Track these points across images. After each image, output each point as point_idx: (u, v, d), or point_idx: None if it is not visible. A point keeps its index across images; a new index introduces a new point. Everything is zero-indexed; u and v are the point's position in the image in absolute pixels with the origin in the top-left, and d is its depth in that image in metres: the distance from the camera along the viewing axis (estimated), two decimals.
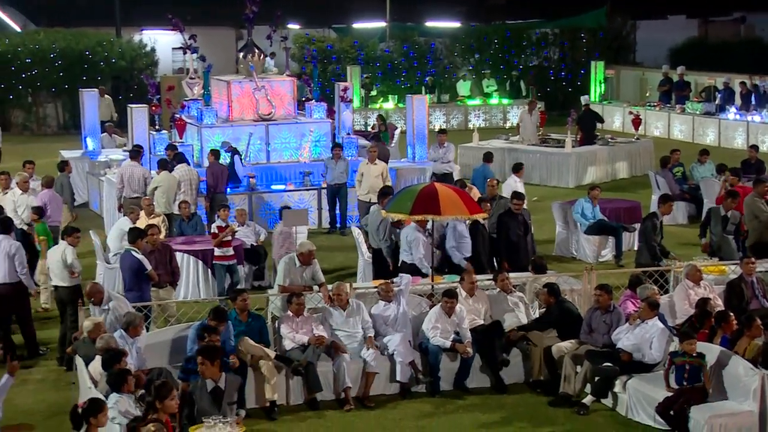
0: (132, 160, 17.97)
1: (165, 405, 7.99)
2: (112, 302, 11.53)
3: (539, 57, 36.33)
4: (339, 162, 18.87)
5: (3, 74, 31.48)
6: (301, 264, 12.66)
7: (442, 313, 11.85)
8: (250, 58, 20.77)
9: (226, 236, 14.75)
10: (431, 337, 11.76)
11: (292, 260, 12.73)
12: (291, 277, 12.59)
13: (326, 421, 11.07)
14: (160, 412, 7.98)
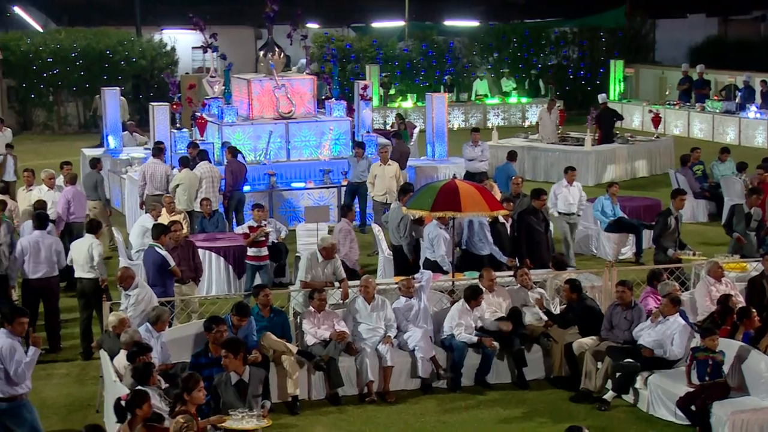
0: (154, 157, 18.09)
1: (193, 397, 8.07)
2: (137, 289, 11.62)
3: (558, 56, 36.32)
4: (361, 161, 18.95)
5: (25, 74, 31.76)
6: (323, 258, 12.74)
7: (465, 310, 11.89)
8: (270, 56, 20.87)
9: (259, 236, 14.78)
10: (456, 333, 11.80)
11: (314, 255, 12.82)
12: (313, 272, 12.68)
13: (348, 416, 11.14)
14: (188, 403, 8.07)
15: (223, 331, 10.28)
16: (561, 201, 16.55)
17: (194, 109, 21.53)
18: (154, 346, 10.51)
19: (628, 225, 16.81)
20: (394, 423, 10.96)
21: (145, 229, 14.60)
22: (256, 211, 15.10)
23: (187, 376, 8.34)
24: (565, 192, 16.60)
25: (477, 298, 11.91)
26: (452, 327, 11.88)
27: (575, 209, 16.61)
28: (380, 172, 18.12)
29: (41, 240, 12.90)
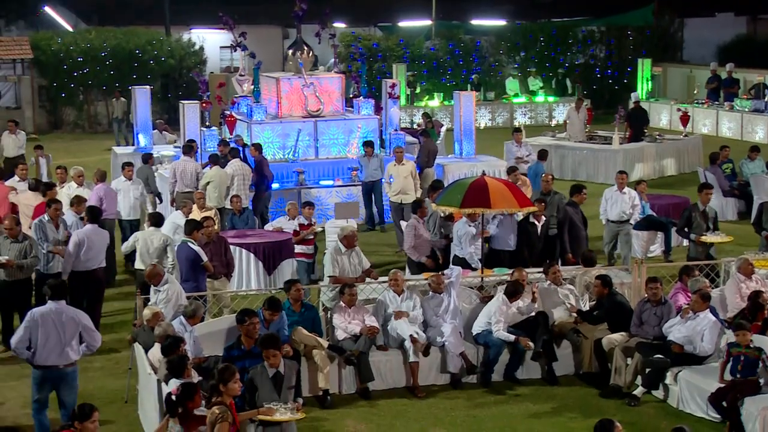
0: (185, 155, 18.26)
1: (228, 388, 8.17)
2: (167, 285, 11.77)
3: (585, 55, 36.27)
4: (372, 159, 18.92)
5: (56, 73, 32.09)
6: (345, 248, 12.84)
7: (505, 305, 11.94)
8: (299, 55, 21.00)
9: (309, 235, 14.91)
10: (495, 330, 11.86)
11: (337, 249, 12.95)
12: (339, 265, 12.78)
13: (378, 410, 11.22)
14: (224, 395, 8.16)
15: (255, 324, 10.37)
16: (613, 208, 15.78)
17: (223, 108, 21.70)
18: (188, 340, 10.63)
19: (656, 223, 16.78)
20: (425, 417, 11.03)
21: (176, 226, 14.72)
22: (306, 209, 15.46)
23: (223, 367, 8.45)
24: (617, 197, 15.78)
25: (517, 295, 11.96)
26: (490, 323, 11.91)
27: (626, 217, 15.79)
28: (395, 172, 18.09)
29: (94, 233, 13.13)
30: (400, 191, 17.78)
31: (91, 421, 7.91)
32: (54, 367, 9.80)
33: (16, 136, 21.95)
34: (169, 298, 11.71)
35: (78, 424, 7.87)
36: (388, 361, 11.82)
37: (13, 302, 12.99)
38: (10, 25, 37.79)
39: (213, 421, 8.04)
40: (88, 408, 8.02)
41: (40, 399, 9.96)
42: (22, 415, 11.05)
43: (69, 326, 9.82)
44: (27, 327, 9.80)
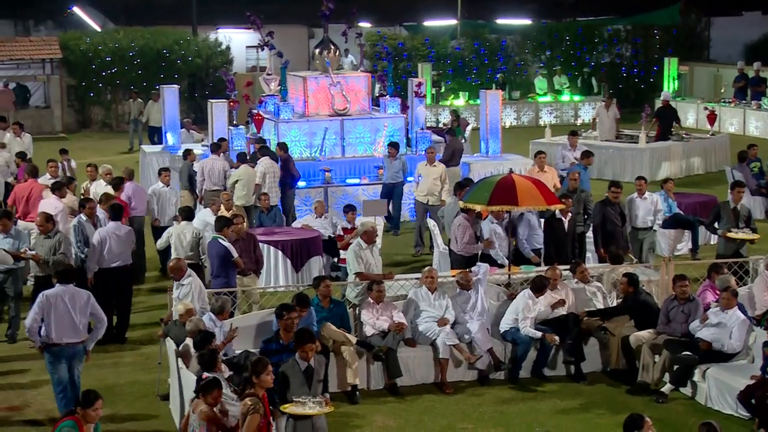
0: (213, 153, 18.40)
1: (261, 380, 8.27)
2: (190, 278, 11.85)
3: (611, 54, 36.17)
4: (394, 161, 18.67)
5: (84, 72, 32.34)
6: (366, 244, 12.96)
7: (532, 301, 11.99)
8: (326, 54, 21.09)
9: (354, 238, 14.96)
10: (522, 327, 11.91)
11: (358, 244, 13.03)
12: (364, 261, 12.87)
13: (407, 406, 11.30)
14: (256, 387, 8.27)
15: (293, 318, 10.49)
16: (635, 215, 15.30)
17: (251, 107, 21.85)
18: (218, 335, 10.76)
19: (684, 221, 16.75)
20: (453, 413, 11.10)
21: (204, 223, 14.86)
22: (350, 214, 15.68)
23: (257, 359, 8.56)
24: (639, 204, 15.40)
25: (543, 290, 12.00)
26: (517, 319, 11.96)
27: (650, 223, 15.40)
28: (425, 172, 17.75)
29: (116, 230, 13.29)
30: (428, 192, 17.52)
31: (93, 409, 8.06)
32: (69, 345, 10.47)
33: (21, 138, 22.01)
34: (190, 292, 11.81)
35: (81, 410, 8.01)
36: (416, 357, 11.90)
37: None
38: (39, 25, 38.16)
39: (245, 412, 8.15)
40: (93, 395, 8.17)
41: (61, 379, 10.53)
42: (53, 408, 11.21)
43: (79, 305, 10.54)
44: (40, 308, 10.44)
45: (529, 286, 12.14)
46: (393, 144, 19.07)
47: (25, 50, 32.12)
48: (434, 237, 16.21)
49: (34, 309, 10.54)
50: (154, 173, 22.06)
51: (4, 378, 12.11)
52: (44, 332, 10.46)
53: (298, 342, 9.27)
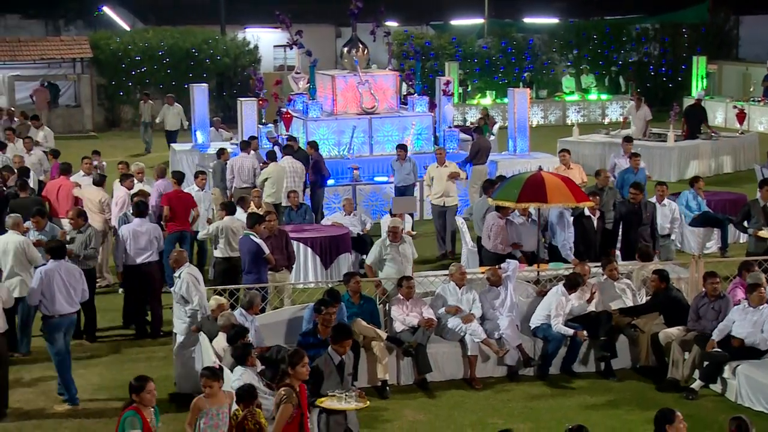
0: (243, 151, 18.55)
1: (297, 372, 8.37)
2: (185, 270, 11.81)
3: (639, 52, 36.07)
4: (405, 163, 18.37)
5: (114, 72, 32.65)
6: (391, 242, 13.02)
7: (565, 299, 12.04)
8: (354, 52, 21.21)
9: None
10: (554, 324, 11.96)
11: (384, 241, 13.12)
12: (381, 257, 13.04)
13: (436, 401, 11.38)
14: (292, 378, 8.36)
15: (332, 314, 10.54)
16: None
17: (280, 105, 22.01)
18: (249, 329, 10.88)
19: (713, 219, 16.73)
20: (482, 408, 11.17)
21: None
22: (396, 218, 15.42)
23: (293, 351, 8.65)
24: (657, 210, 15.07)
25: (576, 287, 12.05)
26: (549, 316, 12.01)
27: (667, 231, 15.20)
28: (437, 174, 17.25)
29: (140, 227, 13.45)
30: (443, 194, 17.06)
31: (147, 391, 8.21)
32: (67, 315, 11.29)
33: (42, 131, 22.28)
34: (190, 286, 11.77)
35: (136, 396, 8.17)
36: (445, 353, 11.98)
37: None
38: (69, 25, 38.54)
39: (278, 402, 8.26)
40: (142, 379, 8.31)
41: (59, 350, 11.23)
42: (88, 400, 11.39)
43: (73, 277, 11.36)
44: (39, 284, 11.16)
45: (563, 283, 12.18)
46: (401, 146, 18.74)
47: (57, 50, 32.51)
48: (462, 234, 16.27)
49: (33, 286, 11.29)
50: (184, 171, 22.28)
51: (39, 370, 12.28)
52: (44, 308, 11.19)
53: (337, 337, 9.34)
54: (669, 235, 15.38)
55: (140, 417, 8.09)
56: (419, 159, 20.18)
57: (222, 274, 13.63)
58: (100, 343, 13.33)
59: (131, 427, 8.02)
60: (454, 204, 17.06)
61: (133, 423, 8.03)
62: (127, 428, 8.02)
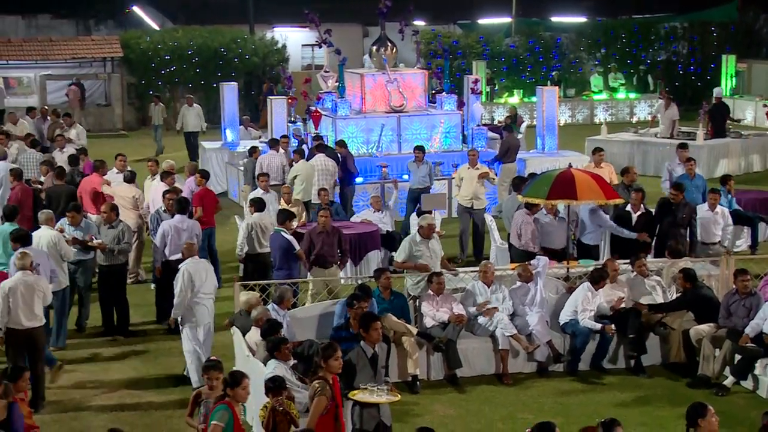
0: (271, 149, 18.68)
1: (329, 365, 8.45)
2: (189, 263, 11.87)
3: (668, 51, 35.92)
4: (421, 166, 18.08)
5: (144, 71, 32.91)
6: (422, 238, 13.11)
7: (591, 293, 12.09)
8: (383, 51, 21.31)
9: None
10: (581, 318, 12.01)
11: (413, 237, 13.20)
12: (412, 253, 13.05)
13: (467, 396, 11.46)
14: (325, 371, 8.45)
15: (364, 308, 10.62)
16: (702, 229, 14.65)
17: (309, 103, 22.14)
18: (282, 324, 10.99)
19: (743, 217, 16.68)
20: (512, 403, 11.23)
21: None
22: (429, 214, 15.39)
23: (326, 344, 8.74)
24: (708, 217, 14.80)
25: (602, 281, 12.09)
26: (577, 311, 12.06)
27: (718, 238, 14.81)
28: (467, 175, 16.90)
29: (181, 223, 13.59)
30: (472, 196, 16.72)
31: (242, 387, 8.17)
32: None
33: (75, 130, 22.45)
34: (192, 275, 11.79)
35: (230, 391, 8.16)
36: (475, 348, 12.05)
37: (110, 288, 13.54)
38: (99, 25, 38.86)
39: (312, 395, 8.34)
40: (239, 374, 8.30)
41: None
42: (126, 394, 11.56)
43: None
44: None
45: (588, 278, 12.21)
46: (419, 147, 18.40)
47: (88, 49, 32.82)
48: (491, 232, 16.32)
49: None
50: (213, 169, 22.51)
51: (75, 365, 12.46)
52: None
53: (365, 323, 9.41)
54: (720, 242, 14.93)
55: (232, 412, 8.02)
56: (447, 157, 20.30)
57: (253, 269, 13.76)
58: (134, 337, 13.48)
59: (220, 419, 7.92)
60: (481, 207, 16.84)
61: (223, 417, 7.92)
62: (215, 418, 7.96)
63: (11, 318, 10.81)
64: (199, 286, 11.62)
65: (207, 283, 11.70)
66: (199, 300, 11.62)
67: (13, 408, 8.38)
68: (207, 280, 11.72)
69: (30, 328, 10.84)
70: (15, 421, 8.34)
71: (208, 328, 11.77)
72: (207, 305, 11.71)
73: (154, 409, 11.17)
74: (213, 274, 12.01)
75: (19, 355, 10.83)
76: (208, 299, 11.74)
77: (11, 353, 10.81)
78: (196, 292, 11.61)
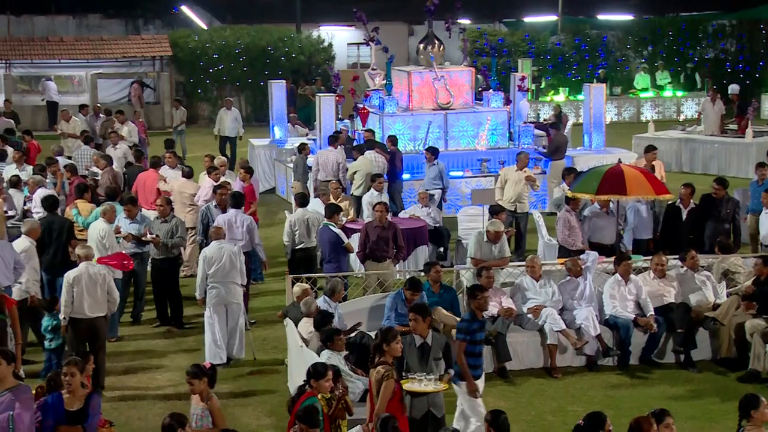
0: (330, 145, 18.84)
1: (391, 348, 8.63)
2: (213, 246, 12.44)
3: (716, 49, 35.61)
4: (431, 167, 17.93)
5: (192, 69, 33.31)
6: (488, 240, 13.23)
7: (618, 281, 12.15)
8: (430, 49, 21.43)
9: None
10: (612, 308, 12.12)
11: (482, 236, 13.33)
12: (481, 251, 13.18)
13: (516, 388, 11.56)
14: (386, 354, 8.64)
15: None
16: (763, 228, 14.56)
17: (356, 101, 22.32)
18: (334, 315, 11.17)
19: None
20: (562, 396, 11.32)
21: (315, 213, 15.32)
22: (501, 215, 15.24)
23: (386, 329, 8.93)
24: (764, 219, 14.72)
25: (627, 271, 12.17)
26: (607, 301, 12.17)
27: None
28: (513, 177, 16.62)
29: (234, 218, 13.80)
30: (516, 199, 16.46)
31: (326, 380, 8.44)
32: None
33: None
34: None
35: (314, 382, 8.43)
36: (524, 342, 12.15)
37: (163, 281, 13.81)
38: (148, 24, 39.35)
39: (379, 379, 8.51)
40: (321, 366, 8.55)
41: None
42: (180, 384, 11.78)
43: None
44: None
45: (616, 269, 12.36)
46: (431, 149, 18.26)
47: (137, 48, 33.30)
48: (538, 227, 16.38)
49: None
50: (262, 166, 22.81)
51: (131, 356, 12.75)
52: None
53: (410, 311, 9.59)
54: None
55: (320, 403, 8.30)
56: (493, 154, 20.36)
57: (298, 262, 13.93)
58: (187, 329, 13.73)
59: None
60: (524, 211, 16.69)
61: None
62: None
63: (74, 308, 11.09)
64: (216, 269, 12.14)
65: (226, 268, 12.18)
66: (216, 282, 12.14)
67: (91, 398, 8.33)
68: (227, 264, 12.19)
69: (92, 318, 11.12)
70: (92, 414, 8.27)
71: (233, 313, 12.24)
72: (225, 288, 12.17)
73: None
74: (236, 260, 12.35)
75: (80, 345, 11.11)
76: (228, 283, 12.20)
77: (74, 342, 11.09)
78: (213, 273, 12.14)
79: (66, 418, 8.23)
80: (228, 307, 12.30)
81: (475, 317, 9.89)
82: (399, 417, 8.59)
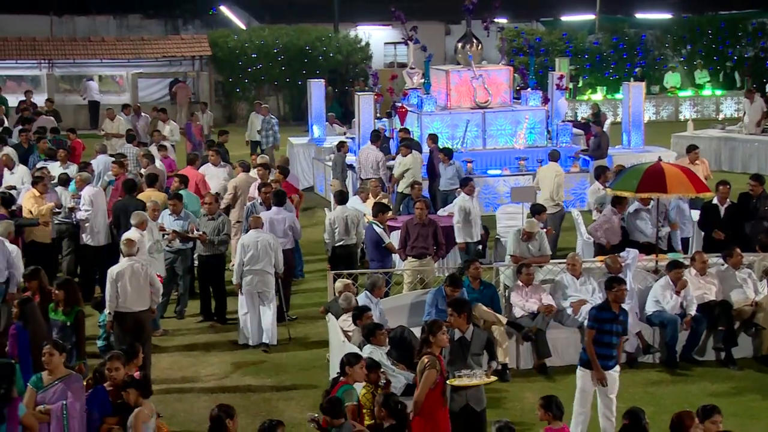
0: (372, 143, 18.95)
1: (438, 339, 8.78)
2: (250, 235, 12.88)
3: (755, 47, 35.32)
4: (447, 167, 17.89)
5: (231, 69, 33.60)
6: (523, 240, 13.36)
7: (668, 285, 12.15)
8: (468, 47, 21.50)
9: None
10: (660, 309, 12.13)
11: (519, 233, 13.43)
12: (520, 249, 13.31)
13: (556, 384, 11.62)
14: (433, 346, 8.79)
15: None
16: None
17: (394, 100, 22.45)
18: (374, 311, 11.30)
19: None
20: None
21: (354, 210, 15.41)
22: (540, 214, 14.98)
23: (432, 321, 9.08)
24: None
25: (678, 274, 12.17)
26: (659, 302, 12.17)
27: None
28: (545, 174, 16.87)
29: (277, 215, 13.99)
30: (548, 196, 16.50)
31: (359, 366, 8.77)
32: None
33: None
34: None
35: (349, 369, 8.73)
36: (564, 338, 12.21)
37: (209, 277, 14.02)
38: (187, 24, 39.75)
39: (422, 369, 8.66)
40: (353, 356, 8.82)
41: None
42: (225, 378, 12.01)
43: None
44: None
45: (666, 270, 12.35)
46: (445, 150, 18.26)
47: (177, 48, 33.68)
48: (577, 225, 16.40)
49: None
50: (301, 165, 22.99)
51: (175, 351, 12.96)
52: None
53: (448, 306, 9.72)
54: None
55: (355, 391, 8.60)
56: (532, 153, 20.40)
57: (338, 259, 14.09)
58: (230, 324, 13.92)
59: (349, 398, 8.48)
60: (558, 210, 16.63)
61: (351, 394, 8.55)
62: (345, 399, 8.44)
63: (119, 302, 11.31)
64: (251, 256, 12.64)
65: (260, 256, 12.68)
66: (251, 270, 12.65)
67: None
68: (261, 253, 12.69)
69: (137, 312, 11.34)
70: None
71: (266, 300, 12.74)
72: (258, 276, 12.69)
73: (252, 392, 11.60)
74: (272, 250, 12.81)
75: (126, 339, 11.30)
76: (261, 273, 12.68)
77: (120, 336, 11.30)
78: (248, 260, 12.65)
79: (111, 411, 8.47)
80: (261, 294, 12.79)
81: (608, 307, 9.95)
82: (439, 409, 8.72)
